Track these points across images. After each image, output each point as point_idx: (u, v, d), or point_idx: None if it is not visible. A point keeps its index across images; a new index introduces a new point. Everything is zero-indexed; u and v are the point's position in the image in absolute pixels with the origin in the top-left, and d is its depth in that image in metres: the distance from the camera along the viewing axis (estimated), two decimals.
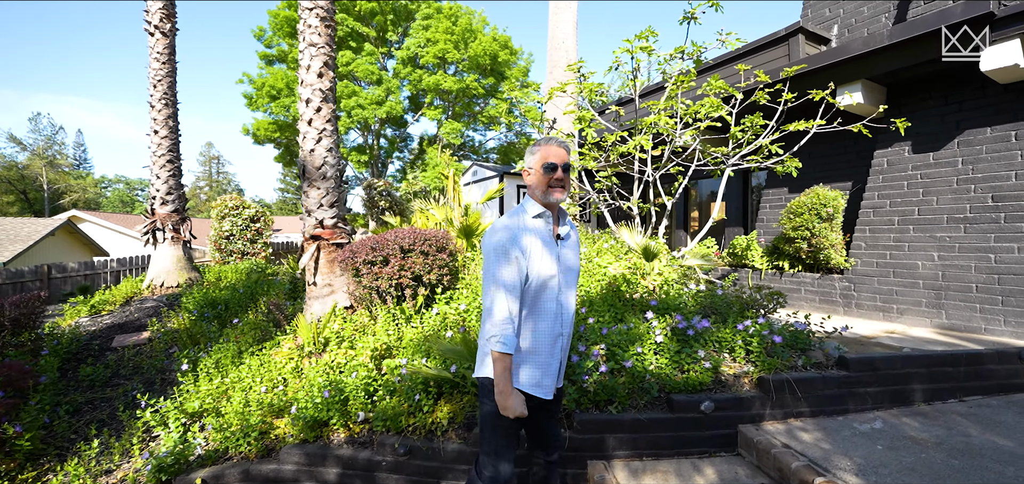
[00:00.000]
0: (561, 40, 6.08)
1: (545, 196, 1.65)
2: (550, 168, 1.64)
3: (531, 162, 1.68)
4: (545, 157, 1.64)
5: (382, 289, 3.74)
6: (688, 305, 3.33)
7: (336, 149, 4.60)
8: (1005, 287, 4.45)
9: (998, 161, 4.59)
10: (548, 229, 1.68)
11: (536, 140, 1.75)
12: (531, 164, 1.68)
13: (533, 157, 1.67)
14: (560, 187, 1.67)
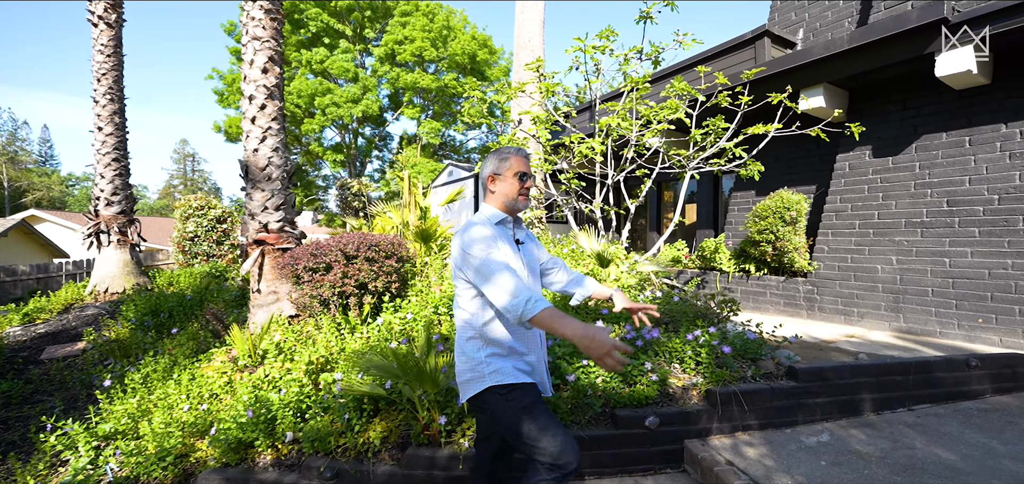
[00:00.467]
0: (527, 39, 5.95)
1: (514, 204, 1.67)
2: (523, 177, 1.67)
3: (500, 168, 1.68)
4: (517, 166, 1.66)
5: (325, 297, 3.53)
6: None
7: (283, 149, 4.36)
8: (959, 291, 4.48)
9: (953, 166, 4.63)
10: (508, 234, 1.69)
11: (500, 148, 1.75)
12: (500, 170, 1.68)
13: (503, 163, 1.68)
14: (527, 195, 1.71)
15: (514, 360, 1.59)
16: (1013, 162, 4.26)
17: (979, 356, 3.05)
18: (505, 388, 1.55)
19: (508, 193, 1.67)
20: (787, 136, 6.36)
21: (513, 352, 1.60)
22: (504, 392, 1.55)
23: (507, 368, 1.57)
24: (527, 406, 1.54)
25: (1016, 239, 4.18)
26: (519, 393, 1.55)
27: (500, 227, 1.66)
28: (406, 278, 3.85)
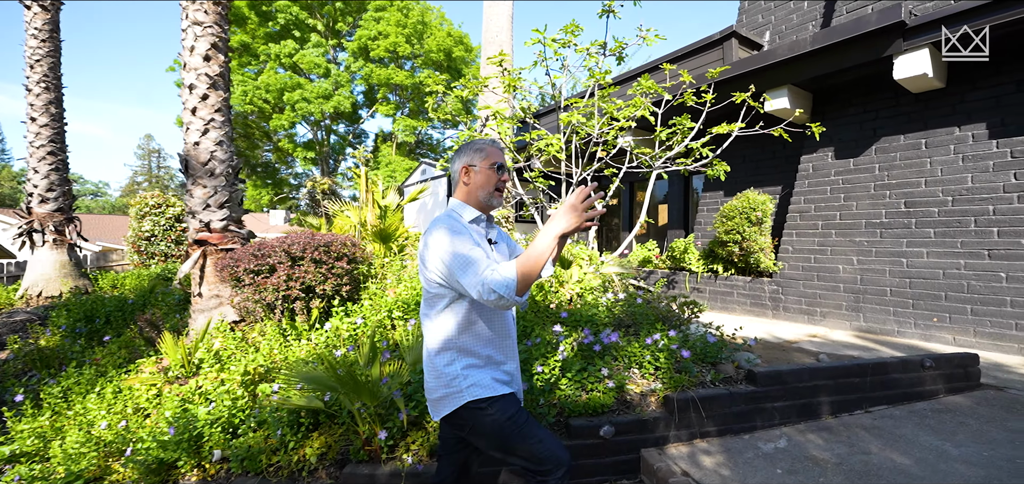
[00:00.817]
0: (495, 34, 5.79)
1: (489, 199, 1.55)
2: (500, 169, 1.55)
3: (475, 159, 1.55)
4: (492, 157, 1.54)
5: (269, 302, 3.29)
6: (601, 316, 3.11)
7: (228, 143, 4.07)
8: (915, 291, 4.56)
9: (910, 168, 4.71)
10: (483, 234, 1.56)
11: (474, 140, 1.62)
12: (475, 162, 1.55)
13: (479, 154, 1.55)
14: (502, 192, 1.58)
15: (492, 371, 1.48)
16: (966, 164, 4.36)
17: (933, 357, 3.06)
18: (485, 402, 1.44)
19: (484, 185, 1.53)
20: (754, 137, 6.40)
21: (491, 362, 1.49)
22: (483, 406, 1.43)
23: (485, 381, 1.45)
24: (511, 418, 1.44)
25: (968, 240, 4.28)
26: (500, 405, 1.44)
27: (473, 226, 1.53)
28: (359, 281, 3.64)
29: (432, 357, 1.49)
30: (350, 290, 3.49)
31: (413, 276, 3.88)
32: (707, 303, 6.39)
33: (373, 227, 4.23)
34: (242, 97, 18.86)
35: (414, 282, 3.69)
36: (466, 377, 1.44)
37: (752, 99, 4.03)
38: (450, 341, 1.46)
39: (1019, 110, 4.08)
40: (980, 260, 4.19)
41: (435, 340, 1.48)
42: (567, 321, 3.01)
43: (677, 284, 6.87)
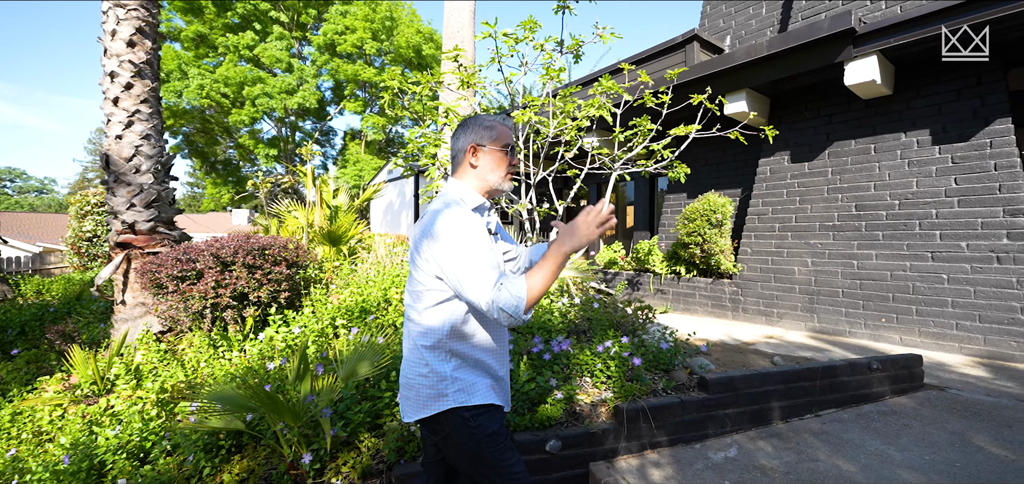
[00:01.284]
0: (456, 30, 5.62)
1: (500, 184, 1.39)
2: (512, 150, 1.39)
3: (484, 138, 1.37)
4: (504, 137, 1.38)
5: (196, 311, 3.01)
6: (555, 322, 2.99)
7: (157, 137, 3.74)
8: (865, 292, 4.68)
9: (860, 172, 4.83)
10: (486, 224, 1.38)
11: (483, 115, 1.44)
12: (484, 141, 1.37)
13: (490, 133, 1.37)
14: (512, 175, 1.43)
15: (483, 377, 1.34)
16: (911, 169, 4.49)
17: (879, 359, 3.10)
18: (470, 411, 1.29)
19: (495, 168, 1.37)
20: (716, 140, 6.45)
21: (482, 367, 1.35)
22: (468, 416, 1.29)
23: (476, 387, 1.32)
24: (492, 436, 1.30)
25: (913, 243, 4.41)
26: (485, 418, 1.31)
27: (476, 214, 1.34)
28: (300, 287, 3.39)
29: (418, 350, 1.33)
30: (290, 297, 3.25)
31: (364, 280, 3.67)
32: (670, 305, 6.41)
33: (322, 229, 3.97)
34: (198, 91, 17.88)
35: (364, 287, 3.48)
36: (455, 380, 1.30)
37: (709, 101, 4.01)
38: (441, 341, 1.31)
39: (958, 117, 4.24)
40: (924, 262, 4.33)
41: (423, 335, 1.32)
42: (518, 328, 2.88)
43: (642, 286, 6.88)
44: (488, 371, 1.36)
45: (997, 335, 3.90)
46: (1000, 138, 4.00)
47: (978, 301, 4.02)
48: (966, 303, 4.08)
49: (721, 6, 6.86)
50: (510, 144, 1.39)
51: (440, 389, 1.30)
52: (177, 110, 19.92)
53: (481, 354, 1.34)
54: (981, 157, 4.09)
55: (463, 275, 1.21)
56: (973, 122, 4.15)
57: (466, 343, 1.32)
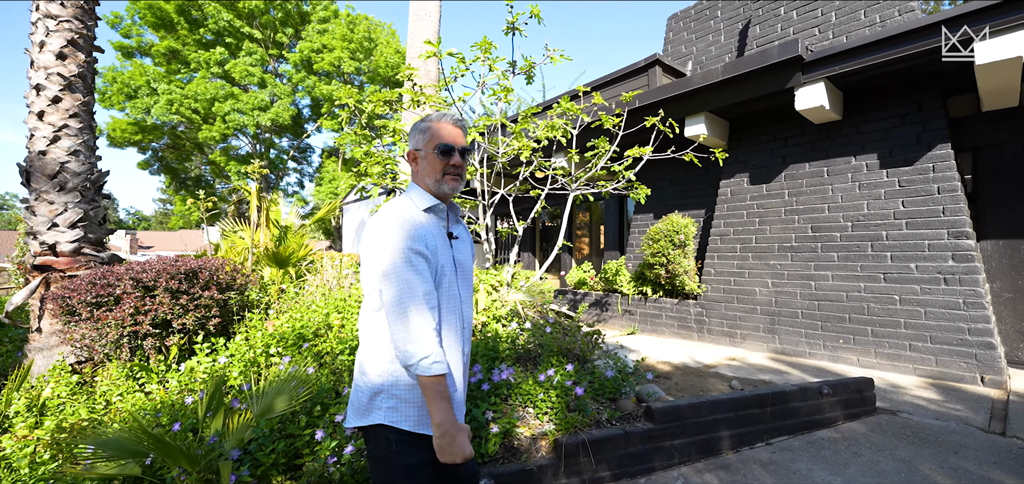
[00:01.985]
0: (420, 50, 5.57)
1: (438, 185, 1.33)
2: (444, 151, 1.32)
3: (419, 142, 1.36)
4: (437, 137, 1.33)
5: (112, 339, 2.77)
6: (501, 349, 2.87)
7: (87, 153, 3.53)
8: (823, 313, 4.71)
9: (815, 194, 4.92)
10: (440, 225, 1.35)
11: (424, 117, 1.40)
12: (418, 145, 1.36)
13: (422, 136, 1.35)
14: (456, 175, 1.35)
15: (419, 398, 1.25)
16: (862, 192, 4.59)
17: (831, 384, 3.07)
18: (395, 434, 1.22)
19: (429, 172, 1.33)
20: (681, 161, 6.53)
21: None
22: (393, 438, 1.23)
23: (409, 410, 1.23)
24: (409, 467, 1.22)
25: (867, 264, 4.47)
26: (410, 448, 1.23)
27: (431, 214, 1.33)
28: (233, 312, 3.19)
29: (363, 358, 1.29)
30: (220, 323, 3.04)
31: (307, 305, 3.48)
32: (638, 326, 6.36)
33: (267, 250, 3.78)
34: (167, 106, 17.43)
35: (304, 311, 3.29)
36: (389, 395, 1.23)
37: (661, 124, 4.03)
38: (381, 349, 1.25)
39: (903, 142, 4.36)
40: (877, 283, 4.39)
41: (370, 341, 1.28)
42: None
43: (610, 306, 6.82)
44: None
45: (947, 356, 3.94)
46: (941, 162, 4.13)
47: (928, 322, 4.07)
48: (917, 324, 4.13)
49: (683, 33, 7.04)
50: (444, 144, 1.32)
51: (373, 402, 1.24)
52: (146, 126, 19.34)
53: None
54: (925, 181, 4.20)
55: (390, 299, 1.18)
56: (916, 147, 4.28)
57: None
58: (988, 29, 3.40)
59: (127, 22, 18.11)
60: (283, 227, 4.07)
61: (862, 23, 5.04)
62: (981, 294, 3.84)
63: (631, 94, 4.07)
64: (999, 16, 3.33)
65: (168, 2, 17.39)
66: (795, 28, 5.57)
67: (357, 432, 1.29)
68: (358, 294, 3.47)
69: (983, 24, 3.42)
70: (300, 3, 21.61)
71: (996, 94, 4.02)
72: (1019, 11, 3.23)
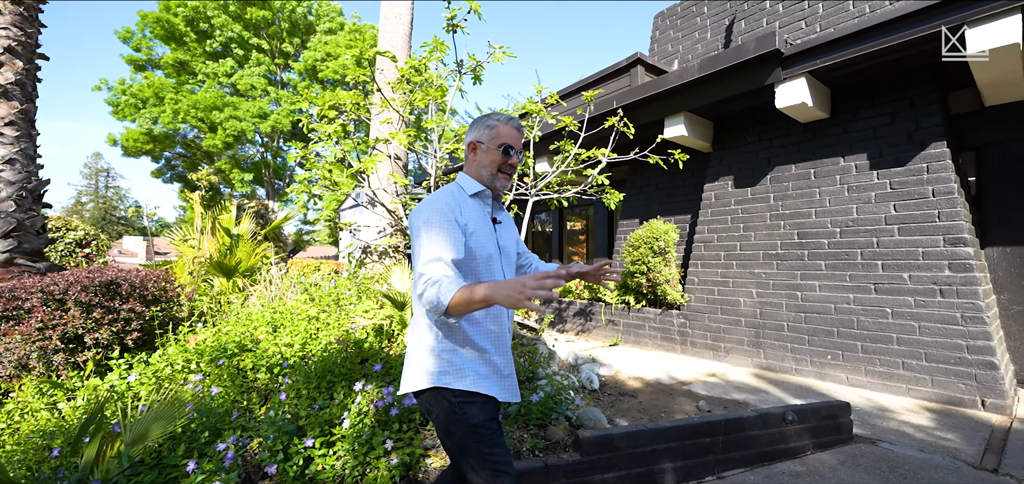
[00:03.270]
0: (394, 49, 5.44)
1: (492, 180, 1.46)
2: (506, 151, 1.46)
3: (483, 136, 1.47)
4: (502, 136, 1.45)
5: (20, 355, 2.65)
6: None
7: (26, 162, 3.45)
8: (810, 326, 4.36)
9: (801, 198, 4.58)
10: (485, 209, 1.49)
11: (491, 114, 1.52)
12: (482, 138, 1.47)
13: (488, 131, 1.46)
14: (508, 174, 1.50)
15: (477, 362, 1.35)
16: (851, 195, 4.24)
17: (798, 409, 2.76)
18: (458, 395, 1.31)
19: (487, 166, 1.46)
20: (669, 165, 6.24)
21: (476, 351, 1.36)
22: (455, 401, 1.30)
23: (466, 371, 1.33)
24: (476, 426, 1.30)
25: (856, 273, 4.12)
26: (472, 407, 1.31)
27: (476, 200, 1.46)
28: (156, 326, 3.04)
29: (414, 327, 1.40)
30: (141, 338, 2.89)
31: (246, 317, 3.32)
32: (621, 337, 6.06)
33: (212, 259, 3.65)
34: (173, 116, 17.82)
35: (234, 325, 3.13)
36: (443, 360, 1.32)
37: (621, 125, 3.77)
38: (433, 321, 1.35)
39: (894, 141, 4.01)
40: (867, 294, 4.03)
41: (419, 317, 1.39)
42: (378, 375, 2.53)
43: (594, 316, 6.54)
44: (483, 358, 1.35)
45: (944, 376, 3.57)
46: (936, 162, 3.77)
47: (923, 338, 3.70)
48: (911, 340, 3.76)
49: (669, 32, 6.76)
50: (507, 145, 1.45)
51: (428, 366, 1.32)
52: (155, 135, 19.80)
53: (476, 338, 1.35)
54: (918, 182, 3.84)
55: (415, 260, 1.29)
56: (908, 146, 3.93)
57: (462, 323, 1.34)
58: (979, 14, 3.07)
59: (138, 36, 18.61)
60: (235, 236, 3.94)
61: (850, 15, 4.70)
62: (980, 308, 3.46)
63: (592, 94, 3.83)
64: (987, 0, 2.99)
65: (176, 15, 17.82)
66: (781, 22, 5.25)
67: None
68: (296, 306, 3.30)
69: (973, 9, 3.08)
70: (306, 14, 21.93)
71: (997, 87, 3.66)
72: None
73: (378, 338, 3.00)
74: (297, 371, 2.54)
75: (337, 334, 2.79)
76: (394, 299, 2.91)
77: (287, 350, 2.75)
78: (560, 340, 6.45)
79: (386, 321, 3.08)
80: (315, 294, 3.37)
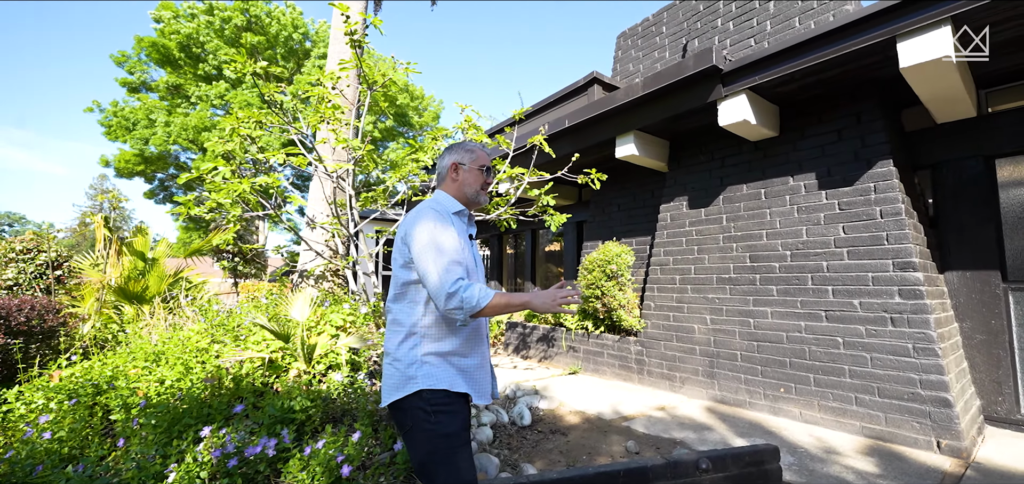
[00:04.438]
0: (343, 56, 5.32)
1: (477, 196, 1.64)
2: (488, 171, 1.67)
3: (465, 159, 1.64)
4: (482, 159, 1.66)
5: None
6: (298, 406, 2.40)
7: None
8: (763, 355, 4.08)
9: (753, 219, 4.36)
10: (464, 226, 1.61)
11: (464, 141, 1.74)
12: (464, 161, 1.63)
13: (470, 155, 1.64)
14: (487, 191, 1.69)
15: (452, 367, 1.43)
16: (801, 216, 4.01)
17: (715, 455, 2.48)
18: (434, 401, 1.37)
19: (471, 183, 1.62)
20: (629, 186, 6.07)
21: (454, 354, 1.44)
22: (430, 409, 1.36)
23: (443, 375, 1.41)
24: (448, 435, 1.37)
25: (807, 299, 3.86)
26: (446, 417, 1.37)
27: (457, 217, 1.57)
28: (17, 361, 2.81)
29: (393, 350, 1.45)
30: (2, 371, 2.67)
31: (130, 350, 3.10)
32: (582, 364, 5.77)
33: (116, 285, 3.45)
34: (164, 138, 17.94)
35: (121, 357, 2.91)
36: (423, 364, 1.40)
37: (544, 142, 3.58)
38: (415, 325, 1.43)
39: (841, 159, 3.80)
40: (818, 322, 3.76)
41: (400, 324, 1.46)
42: (238, 417, 2.29)
43: (556, 341, 6.26)
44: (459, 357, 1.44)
45: (897, 413, 3.27)
46: (883, 182, 3.55)
47: (875, 371, 3.42)
48: (863, 372, 3.47)
49: (631, 51, 6.66)
50: (486, 166, 1.65)
51: (408, 373, 1.39)
52: (147, 156, 19.92)
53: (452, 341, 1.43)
54: (866, 203, 3.62)
55: (428, 263, 1.36)
56: (855, 165, 3.72)
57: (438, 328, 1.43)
58: (908, 27, 2.89)
59: (132, 59, 18.89)
60: (150, 260, 3.75)
61: (797, 33, 4.55)
62: (932, 339, 3.19)
63: (521, 112, 3.66)
64: (915, 13, 2.82)
65: (170, 40, 18.11)
66: (731, 40, 5.12)
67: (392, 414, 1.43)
68: (190, 336, 3.08)
69: (902, 22, 2.91)
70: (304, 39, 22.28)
71: (941, 103, 3.46)
72: (936, 5, 2.72)
73: (271, 371, 2.76)
74: (153, 412, 2.30)
75: (212, 369, 2.56)
76: (276, 332, 2.68)
77: (156, 387, 2.51)
78: (519, 367, 6.16)
79: (276, 354, 2.85)
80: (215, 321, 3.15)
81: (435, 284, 1.33)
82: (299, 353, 2.81)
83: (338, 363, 2.91)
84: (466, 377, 1.44)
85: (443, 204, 1.55)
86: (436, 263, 1.34)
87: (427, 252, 1.36)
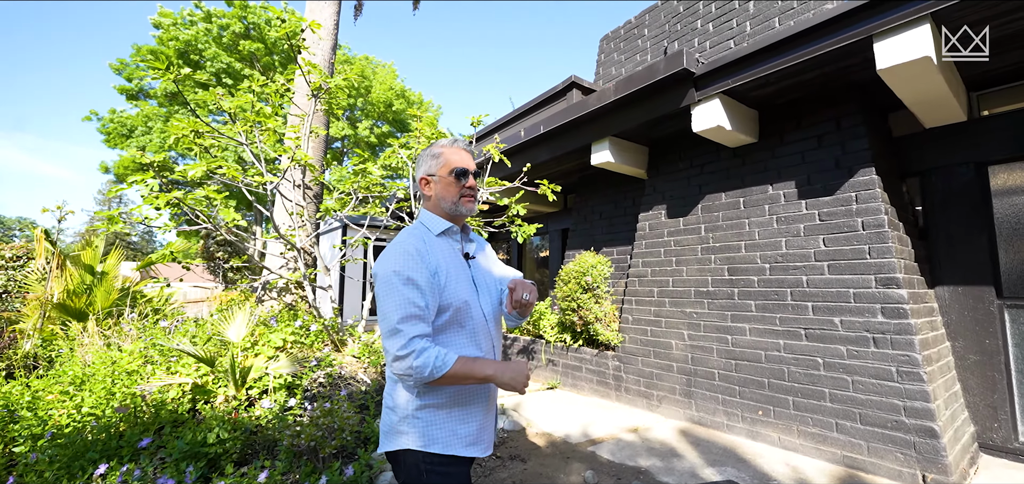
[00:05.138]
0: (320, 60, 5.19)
1: (455, 207, 1.38)
2: (461, 174, 1.38)
3: (431, 167, 1.39)
4: (450, 162, 1.38)
5: None
6: (212, 439, 2.22)
7: None
8: (741, 375, 3.84)
9: (731, 229, 4.13)
10: (455, 248, 1.39)
11: (432, 144, 1.45)
12: (432, 170, 1.39)
13: (435, 162, 1.39)
14: (471, 196, 1.42)
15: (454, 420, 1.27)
16: (780, 227, 3.79)
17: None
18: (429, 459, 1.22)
19: (445, 195, 1.38)
20: (611, 195, 5.88)
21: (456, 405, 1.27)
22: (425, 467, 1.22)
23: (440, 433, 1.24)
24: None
25: (786, 315, 3.63)
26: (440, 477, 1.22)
27: (443, 239, 1.38)
28: None
29: (389, 386, 1.33)
30: None
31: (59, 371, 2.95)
32: (560, 379, 5.55)
33: (59, 300, 3.30)
34: (160, 144, 17.99)
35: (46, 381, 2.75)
36: (418, 418, 1.25)
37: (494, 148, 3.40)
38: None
39: (821, 167, 3.57)
40: (798, 341, 3.53)
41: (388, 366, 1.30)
42: (146, 450, 2.11)
43: (536, 355, 6.05)
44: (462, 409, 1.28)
45: (880, 442, 3.03)
46: (865, 191, 3.31)
47: (857, 395, 3.17)
48: (845, 397, 3.23)
49: (614, 55, 6.46)
50: (458, 169, 1.37)
51: (399, 427, 1.26)
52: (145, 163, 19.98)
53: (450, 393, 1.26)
54: (847, 214, 3.38)
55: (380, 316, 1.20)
56: (836, 173, 3.48)
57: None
58: (884, 26, 2.67)
59: (131, 67, 19.01)
60: (100, 272, 3.61)
61: (773, 32, 4.33)
62: (917, 361, 2.94)
63: (479, 118, 3.48)
64: (890, 11, 2.60)
65: (169, 46, 18.19)
66: (711, 42, 4.90)
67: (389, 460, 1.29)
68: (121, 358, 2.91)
69: (878, 21, 2.69)
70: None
71: (924, 107, 3.23)
72: (912, 2, 2.50)
73: (202, 396, 2.59)
74: (58, 445, 2.13)
75: (124, 397, 2.39)
76: (199, 356, 2.51)
77: (73, 415, 2.35)
78: None
79: (206, 378, 2.67)
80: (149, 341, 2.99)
81: (384, 344, 1.19)
82: (229, 377, 2.63)
83: (271, 387, 2.73)
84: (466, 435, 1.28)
85: (425, 228, 1.36)
86: (387, 319, 1.18)
87: (383, 302, 1.20)
